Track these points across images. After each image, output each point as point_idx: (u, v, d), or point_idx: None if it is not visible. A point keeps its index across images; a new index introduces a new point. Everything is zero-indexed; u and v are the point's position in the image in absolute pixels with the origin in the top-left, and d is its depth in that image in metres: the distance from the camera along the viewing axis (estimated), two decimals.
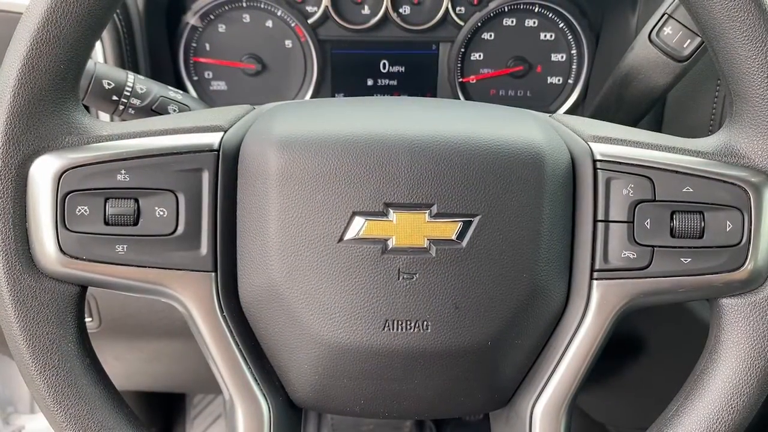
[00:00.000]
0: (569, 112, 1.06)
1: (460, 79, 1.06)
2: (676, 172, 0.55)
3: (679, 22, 0.73)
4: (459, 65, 1.05)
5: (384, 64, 1.05)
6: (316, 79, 1.03)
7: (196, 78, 1.03)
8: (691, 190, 0.55)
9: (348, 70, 1.05)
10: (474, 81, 1.06)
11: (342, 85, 1.06)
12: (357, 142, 0.53)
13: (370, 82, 1.06)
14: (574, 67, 1.05)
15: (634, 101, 0.79)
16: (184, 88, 1.03)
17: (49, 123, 0.52)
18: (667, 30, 0.73)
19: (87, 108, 0.79)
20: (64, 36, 0.51)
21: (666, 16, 0.74)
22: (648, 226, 0.55)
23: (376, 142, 0.53)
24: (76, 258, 0.53)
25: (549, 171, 0.55)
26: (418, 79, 1.06)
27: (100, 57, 0.87)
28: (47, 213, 0.52)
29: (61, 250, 0.53)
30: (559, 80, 1.06)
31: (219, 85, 1.04)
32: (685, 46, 0.73)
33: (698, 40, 0.73)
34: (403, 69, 1.06)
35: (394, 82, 1.06)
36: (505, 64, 1.05)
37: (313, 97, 1.05)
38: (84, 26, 0.52)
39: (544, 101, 1.07)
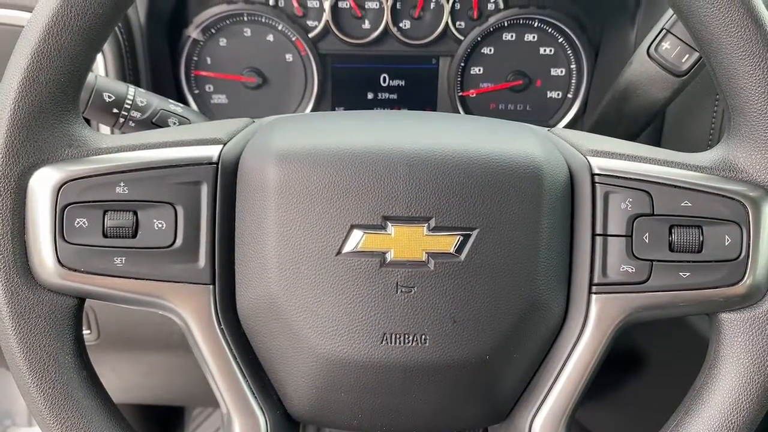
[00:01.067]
0: (569, 126, 1.06)
1: (460, 93, 1.06)
2: (675, 186, 0.55)
3: (677, 37, 0.73)
4: (459, 79, 1.05)
5: (384, 77, 1.06)
6: (317, 92, 1.04)
7: (197, 91, 1.04)
8: (690, 204, 0.55)
9: (348, 84, 1.06)
10: (474, 95, 1.06)
11: (342, 98, 1.06)
12: (355, 156, 0.54)
13: (370, 96, 1.07)
14: (573, 81, 1.05)
15: (633, 115, 0.80)
16: (185, 101, 1.04)
17: (49, 135, 0.53)
18: (665, 45, 0.74)
19: (87, 121, 0.80)
20: (64, 49, 0.51)
21: (664, 31, 0.74)
22: (646, 240, 0.55)
23: (375, 156, 0.54)
24: (75, 270, 0.53)
25: (547, 185, 0.55)
26: (418, 92, 1.07)
27: (102, 70, 0.87)
28: (46, 225, 0.52)
29: (59, 262, 0.52)
30: (558, 94, 1.06)
31: (220, 99, 1.04)
32: (683, 60, 0.74)
33: (696, 55, 0.73)
34: (403, 83, 1.06)
35: (394, 96, 1.07)
36: (505, 79, 1.05)
37: (313, 110, 1.05)
38: (85, 39, 0.52)
39: (544, 115, 1.07)
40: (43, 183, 0.52)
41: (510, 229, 0.54)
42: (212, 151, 0.55)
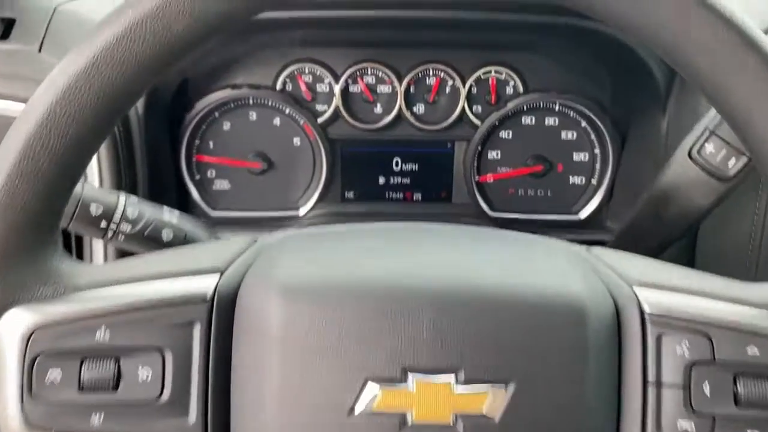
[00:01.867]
0: (593, 214, 1.00)
1: (477, 179, 1.00)
2: (738, 330, 0.48)
3: (723, 139, 0.67)
4: (475, 164, 0.99)
5: (397, 161, 1.00)
6: (325, 178, 0.98)
7: (198, 177, 0.98)
8: (758, 351, 0.47)
9: (359, 168, 1.00)
10: (491, 180, 1.00)
11: (353, 183, 1.00)
12: (371, 293, 0.47)
13: (382, 181, 1.01)
14: (597, 167, 0.99)
15: (672, 221, 0.73)
16: (185, 188, 0.98)
17: (22, 270, 0.46)
18: (709, 148, 0.67)
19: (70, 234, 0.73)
20: (42, 172, 0.45)
21: (708, 132, 0.68)
22: (707, 392, 0.48)
23: (394, 293, 0.47)
24: (44, 429, 0.46)
25: (592, 327, 0.48)
26: (433, 177, 1.01)
27: (95, 162, 0.81)
28: (13, 378, 0.45)
29: (26, 420, 0.45)
30: (581, 180, 1.00)
31: (222, 185, 0.98)
32: (729, 165, 0.67)
33: (745, 158, 0.67)
34: (416, 167, 1.01)
35: (407, 180, 1.01)
36: (524, 163, 0.99)
37: (321, 196, 0.99)
38: (64, 162, 0.46)
39: (567, 202, 1.01)
40: (12, 328, 0.46)
41: (551, 381, 0.46)
42: (207, 284, 0.48)
